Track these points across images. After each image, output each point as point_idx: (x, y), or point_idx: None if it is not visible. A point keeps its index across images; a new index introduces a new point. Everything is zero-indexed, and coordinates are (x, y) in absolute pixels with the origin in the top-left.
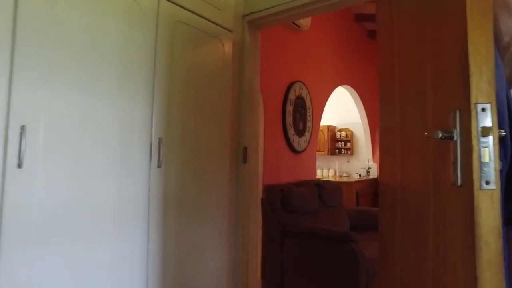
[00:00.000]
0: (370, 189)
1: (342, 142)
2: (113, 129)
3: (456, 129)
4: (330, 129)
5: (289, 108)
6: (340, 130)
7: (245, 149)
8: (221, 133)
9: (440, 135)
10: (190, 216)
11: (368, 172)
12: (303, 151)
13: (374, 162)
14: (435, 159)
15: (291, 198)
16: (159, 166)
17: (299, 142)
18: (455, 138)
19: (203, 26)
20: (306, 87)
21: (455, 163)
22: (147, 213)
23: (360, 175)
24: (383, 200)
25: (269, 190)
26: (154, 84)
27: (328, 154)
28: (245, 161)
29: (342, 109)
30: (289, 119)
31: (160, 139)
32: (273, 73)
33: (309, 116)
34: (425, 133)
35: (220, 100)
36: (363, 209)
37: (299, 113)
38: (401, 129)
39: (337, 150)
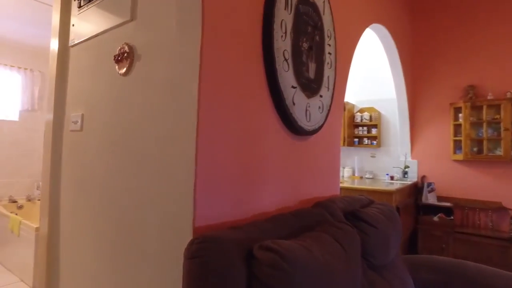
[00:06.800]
0: (411, 199)
1: (365, 128)
2: None
3: None
4: (347, 108)
5: (284, 16)
6: (362, 111)
7: None
8: None
9: None
10: None
11: (405, 173)
12: (315, 131)
13: (413, 159)
14: None
15: None
16: None
17: (307, 109)
18: None
19: None
20: None
21: None
22: None
23: (392, 178)
24: None
25: (208, 256)
26: None
27: (343, 145)
28: None
29: (365, 79)
30: (284, 45)
31: None
32: None
33: (330, 54)
34: None
35: None
36: (447, 264)
37: (309, 39)
38: None
39: (356, 140)
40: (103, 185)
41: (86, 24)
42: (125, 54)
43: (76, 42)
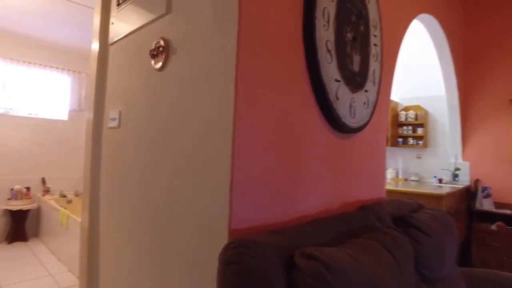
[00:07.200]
0: (463, 204)
1: (410, 128)
2: None
3: None
4: (391, 107)
5: (327, 4)
6: (407, 109)
7: None
8: None
9: None
10: None
11: (455, 176)
12: (360, 129)
13: (465, 160)
14: None
15: None
16: None
17: (351, 105)
18: None
19: None
20: None
21: None
22: None
23: (440, 180)
24: None
25: (244, 262)
26: None
27: (386, 145)
28: None
29: (410, 75)
30: (326, 35)
31: None
32: None
33: (376, 45)
34: None
35: None
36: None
37: (353, 29)
38: None
39: (400, 140)
40: (138, 182)
41: (124, 21)
42: (161, 49)
43: (115, 40)
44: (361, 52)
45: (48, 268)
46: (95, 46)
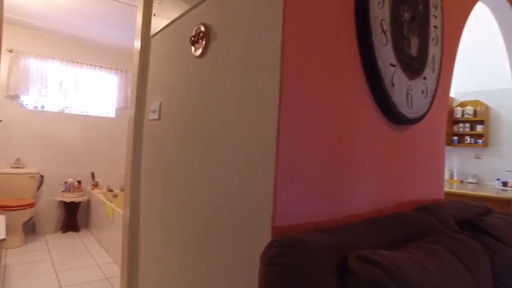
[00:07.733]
0: None
1: (467, 125)
2: None
3: None
4: None
5: None
6: (463, 104)
7: None
8: None
9: None
10: None
11: None
12: (418, 120)
13: None
14: None
15: None
16: None
17: (408, 93)
18: None
19: None
20: None
21: None
22: None
23: (505, 184)
24: None
25: (289, 264)
26: None
27: None
28: None
29: (468, 66)
30: (381, 14)
31: None
32: None
33: (436, 27)
34: None
35: None
36: None
37: (411, 8)
38: None
39: (455, 138)
40: (177, 174)
41: (165, 11)
42: (201, 34)
43: (156, 31)
44: (420, 35)
45: (96, 258)
46: (138, 41)
